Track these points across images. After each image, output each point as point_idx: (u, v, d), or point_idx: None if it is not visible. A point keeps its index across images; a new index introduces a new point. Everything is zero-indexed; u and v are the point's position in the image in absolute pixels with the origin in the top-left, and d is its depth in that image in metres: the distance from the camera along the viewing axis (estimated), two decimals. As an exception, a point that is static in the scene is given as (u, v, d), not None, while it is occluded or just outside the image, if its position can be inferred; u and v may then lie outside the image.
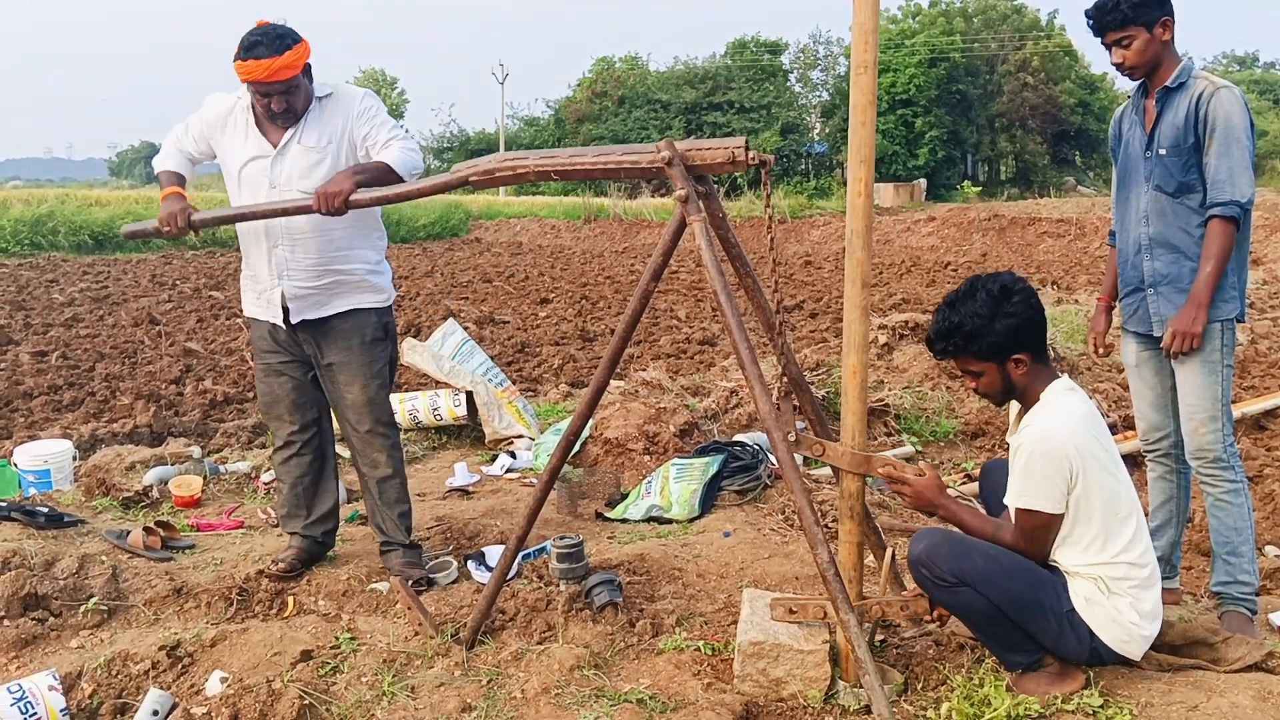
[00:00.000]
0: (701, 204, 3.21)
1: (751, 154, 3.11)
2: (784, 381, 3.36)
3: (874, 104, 3.00)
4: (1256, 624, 3.77)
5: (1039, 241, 26.28)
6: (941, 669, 3.30)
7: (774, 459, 5.27)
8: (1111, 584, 3.05)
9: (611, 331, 12.34)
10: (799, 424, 5.96)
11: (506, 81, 58.82)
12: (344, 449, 5.03)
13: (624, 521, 5.18)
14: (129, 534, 4.61)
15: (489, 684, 3.36)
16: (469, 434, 6.82)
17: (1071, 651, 3.08)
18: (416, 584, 4.15)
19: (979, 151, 50.50)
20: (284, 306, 4.13)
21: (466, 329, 9.70)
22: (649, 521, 5.13)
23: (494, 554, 4.45)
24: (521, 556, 4.31)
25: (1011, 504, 3.12)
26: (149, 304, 15.53)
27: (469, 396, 6.59)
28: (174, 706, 3.24)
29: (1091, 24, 3.77)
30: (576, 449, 6.03)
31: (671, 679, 3.34)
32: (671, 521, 5.09)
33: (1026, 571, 3.09)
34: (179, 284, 18.56)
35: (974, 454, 6.60)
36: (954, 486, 5.51)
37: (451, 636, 3.70)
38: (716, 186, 3.34)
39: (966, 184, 45.56)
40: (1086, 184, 47.77)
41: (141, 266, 21.96)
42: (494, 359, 8.60)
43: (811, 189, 44.30)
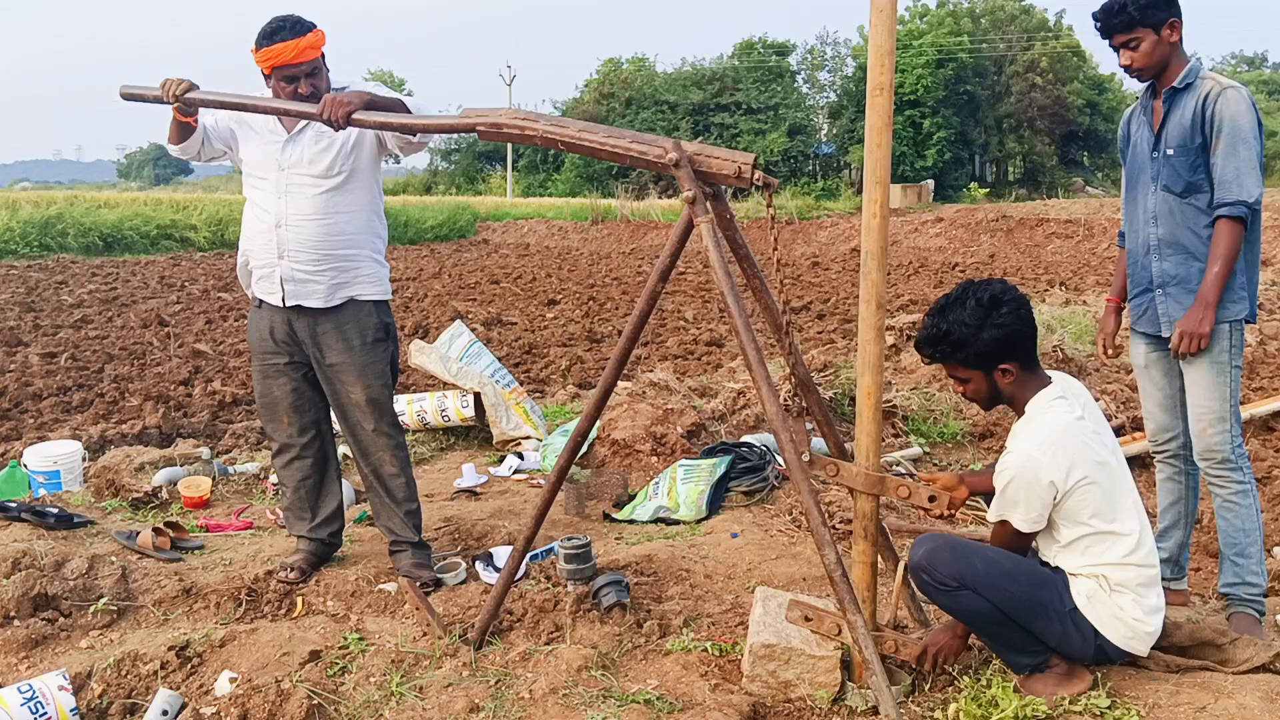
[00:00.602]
0: (709, 205, 3.21)
1: (757, 175, 3.10)
2: (793, 383, 3.35)
3: (890, 125, 2.99)
4: (1265, 625, 3.75)
5: (1047, 242, 26.22)
6: (949, 670, 3.30)
7: (781, 460, 5.27)
8: (1113, 581, 3.05)
9: (619, 333, 12.34)
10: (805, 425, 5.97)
11: (514, 83, 58.85)
12: (347, 448, 5.03)
13: (631, 522, 5.18)
14: (138, 535, 4.63)
15: (497, 684, 3.37)
16: (477, 435, 6.83)
17: (1076, 650, 3.08)
18: (425, 584, 4.16)
19: (987, 152, 50.46)
20: (282, 289, 4.13)
21: (474, 330, 9.73)
22: (656, 522, 5.13)
23: (502, 555, 4.46)
24: (529, 557, 4.31)
25: (991, 517, 3.17)
26: (158, 305, 15.58)
27: (476, 398, 6.60)
28: (183, 707, 3.25)
29: (1099, 26, 3.76)
30: (584, 450, 6.03)
31: (679, 680, 3.34)
32: (679, 522, 5.10)
33: (1027, 573, 3.10)
34: (188, 285, 18.62)
35: (981, 455, 6.59)
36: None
37: (459, 637, 3.70)
38: (724, 188, 3.33)
39: (974, 185, 45.48)
40: (1095, 184, 47.71)
41: (150, 268, 22.04)
42: (501, 360, 8.61)
43: (819, 190, 44.29)
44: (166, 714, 3.18)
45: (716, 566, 4.42)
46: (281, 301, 4.14)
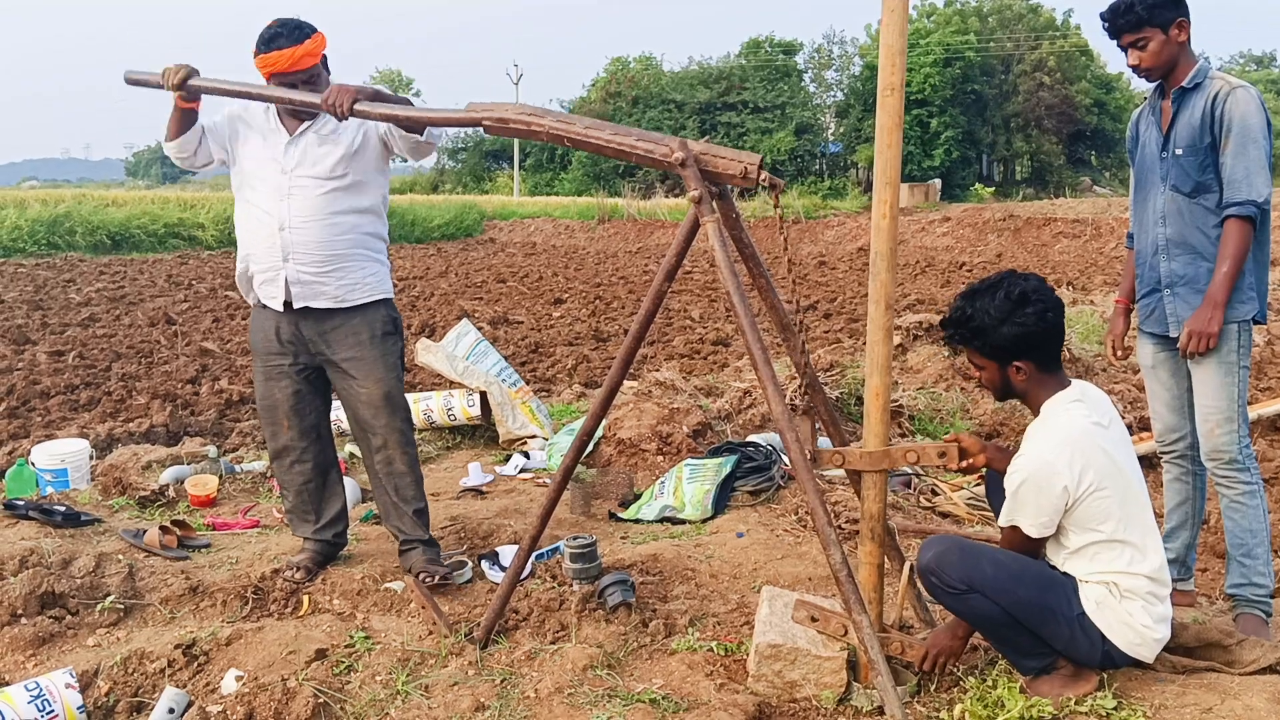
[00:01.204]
0: (715, 205, 3.20)
1: (763, 175, 3.10)
2: (802, 382, 3.35)
3: (900, 126, 2.98)
4: (1272, 626, 3.75)
5: (1054, 242, 26.19)
6: (955, 670, 3.29)
7: (787, 459, 5.27)
8: (1123, 588, 3.04)
9: (625, 332, 12.33)
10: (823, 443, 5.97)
11: (521, 82, 58.91)
12: (354, 447, 5.03)
13: (637, 522, 5.18)
14: (145, 533, 4.64)
15: (502, 683, 3.37)
16: (483, 434, 6.84)
17: (1083, 655, 3.07)
18: (445, 578, 4.13)
19: (994, 151, 50.39)
20: (287, 291, 4.10)
21: (480, 329, 9.73)
22: (662, 522, 5.13)
23: (507, 554, 4.46)
24: (535, 556, 4.32)
25: (1001, 522, 3.14)
26: (165, 304, 15.61)
27: (483, 397, 6.60)
28: (189, 705, 3.25)
29: (1107, 26, 3.76)
30: (590, 449, 6.03)
31: (684, 679, 3.34)
32: (685, 522, 5.09)
33: (1036, 576, 3.08)
34: (195, 284, 18.66)
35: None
36: (968, 487, 5.50)
37: (465, 636, 3.71)
38: (729, 187, 3.33)
39: (981, 185, 45.41)
40: (1102, 184, 47.62)
41: (158, 266, 22.09)
42: (508, 359, 8.61)
43: (826, 189, 44.27)
44: (173, 712, 3.19)
45: (722, 566, 4.42)
46: (287, 304, 4.13)
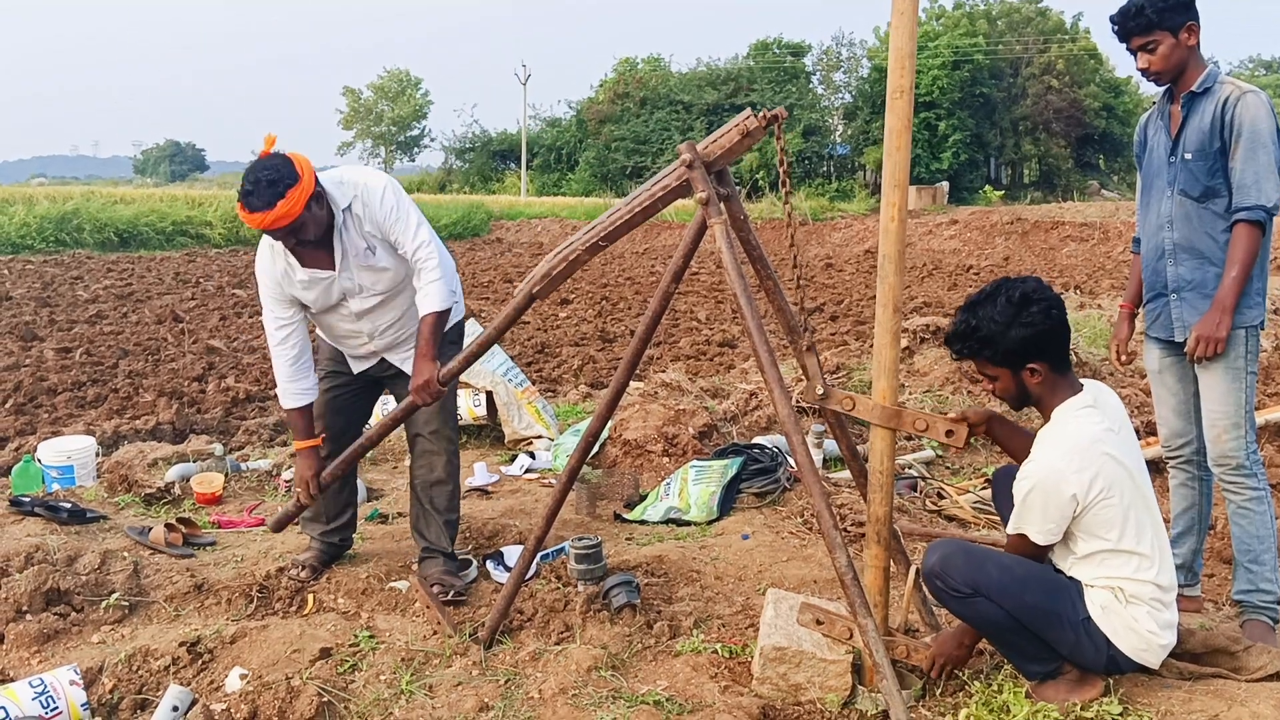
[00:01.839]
0: (722, 206, 3.20)
1: (759, 118, 3.10)
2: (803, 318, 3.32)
3: (909, 128, 2.98)
4: (1278, 633, 3.73)
5: (1062, 245, 26.14)
6: (960, 675, 3.28)
7: (793, 462, 5.26)
8: (1129, 594, 3.02)
9: (631, 333, 12.34)
10: (817, 426, 5.96)
11: (529, 82, 58.85)
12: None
13: (642, 523, 5.17)
14: (151, 530, 4.64)
15: (506, 684, 3.37)
16: (488, 434, 6.84)
17: (1089, 660, 3.06)
18: (459, 593, 4.12)
19: (1002, 155, 50.32)
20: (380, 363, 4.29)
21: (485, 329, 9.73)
22: (667, 523, 5.13)
23: (512, 554, 4.46)
24: (540, 557, 4.32)
25: (1008, 529, 3.13)
26: (172, 301, 15.64)
27: (489, 396, 6.61)
28: (194, 702, 3.26)
29: (1116, 29, 3.75)
30: (595, 450, 6.03)
31: (689, 681, 3.34)
32: (690, 523, 5.09)
33: (1042, 581, 3.07)
34: (202, 282, 18.69)
35: (995, 458, 6.56)
36: (974, 492, 5.49)
37: (470, 636, 3.71)
38: (737, 188, 3.33)
39: (989, 188, 45.35)
40: (1110, 188, 47.53)
41: (166, 264, 22.13)
42: (514, 359, 8.61)
43: (833, 191, 44.23)
44: (177, 710, 3.19)
45: (727, 568, 4.41)
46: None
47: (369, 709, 3.25)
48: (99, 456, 6.13)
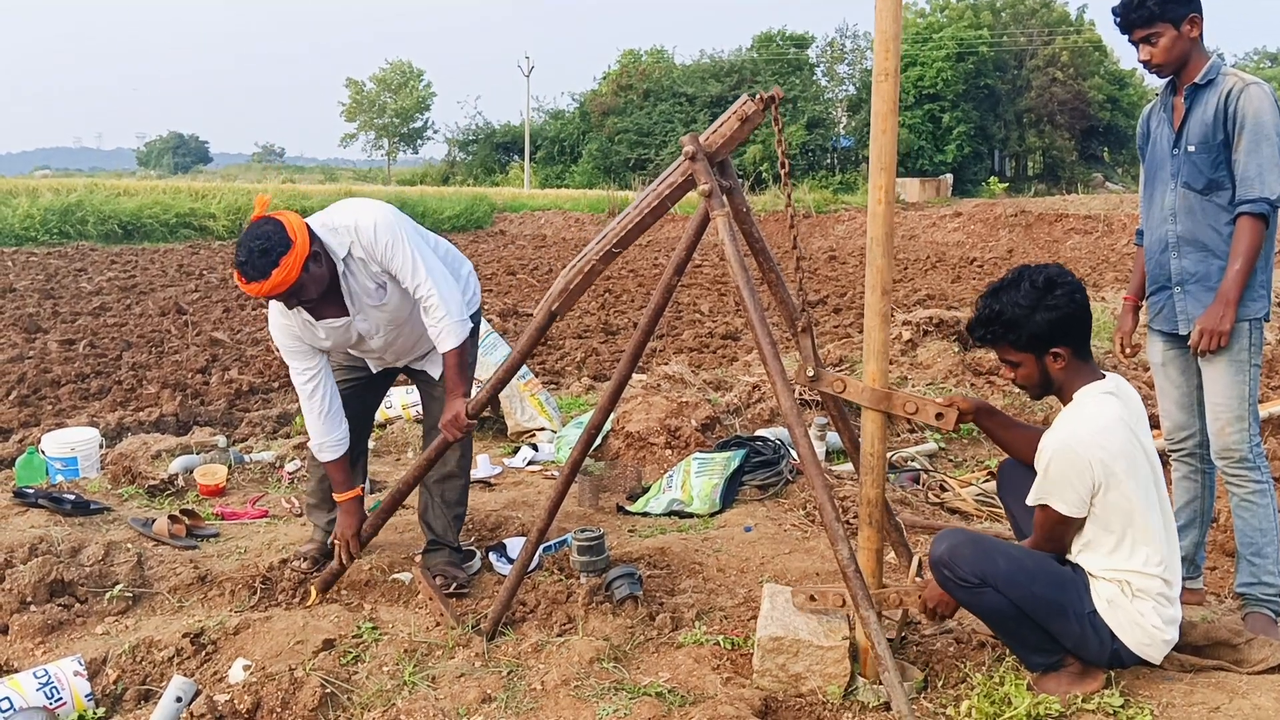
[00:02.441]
0: (725, 198, 3.20)
1: (757, 98, 3.11)
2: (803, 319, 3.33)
3: (895, 112, 2.99)
4: (1281, 626, 3.73)
5: (1066, 238, 26.12)
6: (962, 667, 3.29)
7: (795, 454, 5.27)
8: (1135, 588, 3.02)
9: (634, 325, 12.34)
10: (820, 419, 5.97)
11: (532, 74, 58.84)
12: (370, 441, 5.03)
13: (645, 515, 5.18)
14: (154, 522, 4.65)
15: (509, 675, 3.38)
16: (491, 426, 6.84)
17: (1092, 653, 3.06)
18: (462, 585, 4.14)
19: (1006, 147, 50.22)
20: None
21: (490, 321, 9.73)
22: (670, 515, 5.13)
23: (515, 546, 4.46)
24: (542, 549, 4.32)
25: (1032, 501, 3.11)
26: (176, 293, 15.66)
27: (492, 389, 6.61)
28: (197, 693, 3.26)
29: (1119, 21, 3.73)
30: (598, 442, 6.04)
31: (691, 673, 3.34)
32: (692, 516, 5.09)
33: (1049, 573, 3.07)
34: (206, 274, 18.71)
35: (998, 451, 6.56)
36: (977, 484, 5.49)
37: (472, 628, 3.72)
38: (740, 180, 3.33)
39: (993, 180, 45.25)
40: (1115, 180, 47.39)
41: (169, 256, 22.14)
42: (517, 351, 8.61)
43: (837, 183, 44.12)
44: (180, 701, 3.20)
45: (729, 560, 4.42)
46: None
47: (372, 700, 3.26)
48: (102, 448, 6.15)
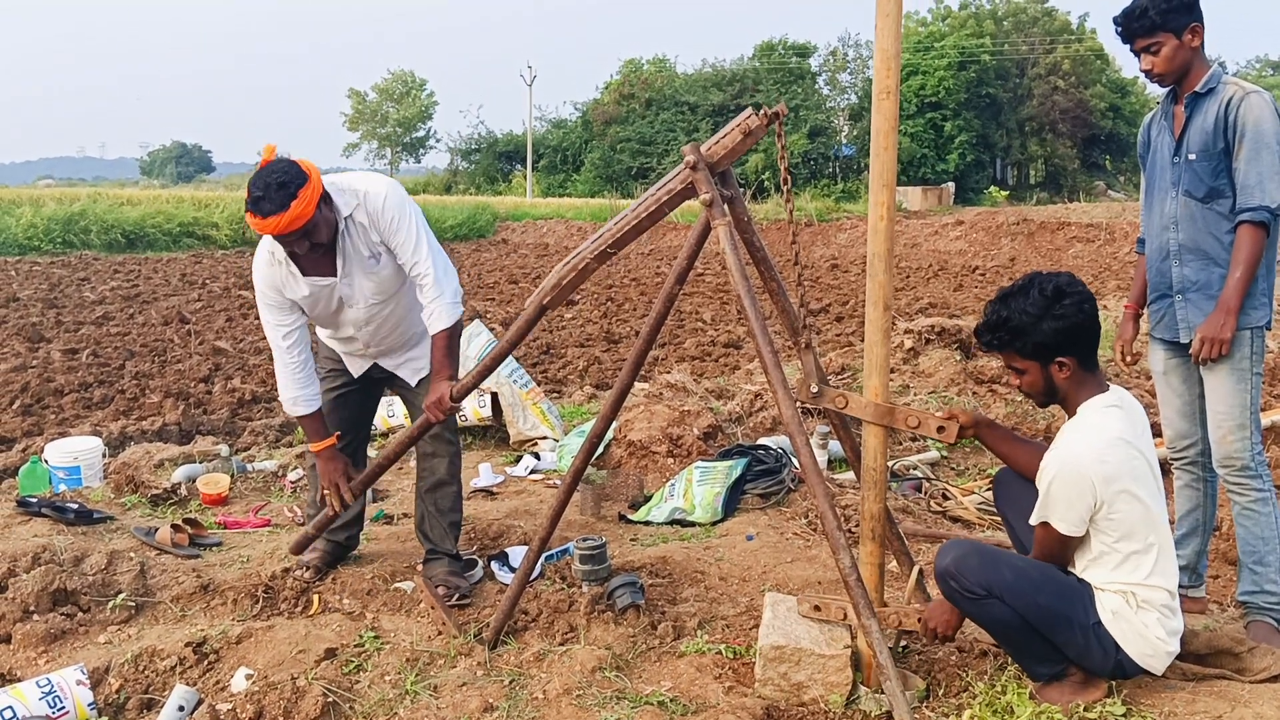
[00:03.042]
0: (726, 207, 3.21)
1: (761, 113, 3.12)
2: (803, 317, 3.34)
3: (895, 129, 3.00)
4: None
5: (1068, 246, 26.11)
6: (964, 676, 3.29)
7: (797, 463, 5.27)
8: (1140, 599, 3.02)
9: (636, 334, 12.34)
10: (822, 427, 5.96)
11: (534, 83, 59.00)
12: (372, 450, 5.04)
13: (647, 524, 5.18)
14: (157, 531, 4.66)
15: (511, 684, 3.38)
16: (493, 435, 6.85)
17: (1096, 664, 3.05)
18: (464, 595, 4.13)
19: (1008, 155, 50.25)
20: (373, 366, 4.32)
21: (493, 330, 9.74)
22: (672, 524, 5.13)
23: (517, 555, 4.47)
24: (544, 558, 4.32)
25: (1034, 520, 3.11)
26: (179, 303, 15.68)
27: (494, 397, 6.61)
28: (199, 702, 3.27)
29: (1120, 30, 3.74)
30: (600, 451, 6.04)
31: (693, 682, 3.34)
32: (694, 524, 5.09)
33: (1055, 584, 3.07)
34: (209, 283, 18.72)
35: (999, 461, 6.56)
36: (979, 492, 5.49)
37: (474, 636, 3.72)
38: (742, 189, 3.34)
39: (995, 188, 45.26)
40: (1117, 189, 47.44)
41: (172, 265, 22.17)
42: (519, 360, 8.63)
43: (839, 192, 44.16)
44: (183, 710, 3.20)
45: (731, 569, 4.42)
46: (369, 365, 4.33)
47: (374, 709, 3.26)
48: (105, 457, 6.15)
